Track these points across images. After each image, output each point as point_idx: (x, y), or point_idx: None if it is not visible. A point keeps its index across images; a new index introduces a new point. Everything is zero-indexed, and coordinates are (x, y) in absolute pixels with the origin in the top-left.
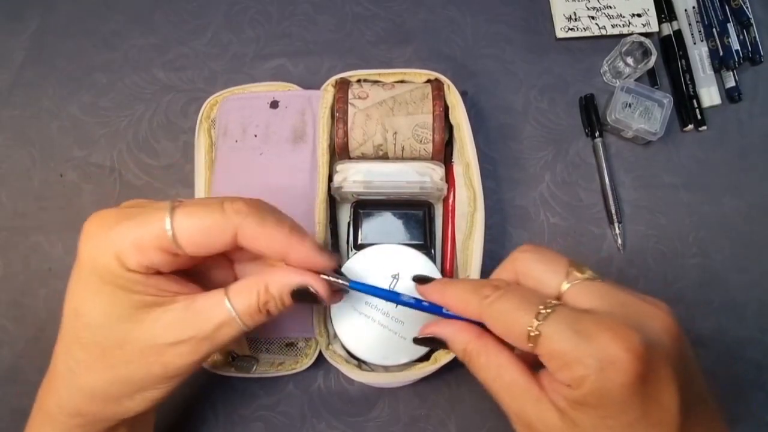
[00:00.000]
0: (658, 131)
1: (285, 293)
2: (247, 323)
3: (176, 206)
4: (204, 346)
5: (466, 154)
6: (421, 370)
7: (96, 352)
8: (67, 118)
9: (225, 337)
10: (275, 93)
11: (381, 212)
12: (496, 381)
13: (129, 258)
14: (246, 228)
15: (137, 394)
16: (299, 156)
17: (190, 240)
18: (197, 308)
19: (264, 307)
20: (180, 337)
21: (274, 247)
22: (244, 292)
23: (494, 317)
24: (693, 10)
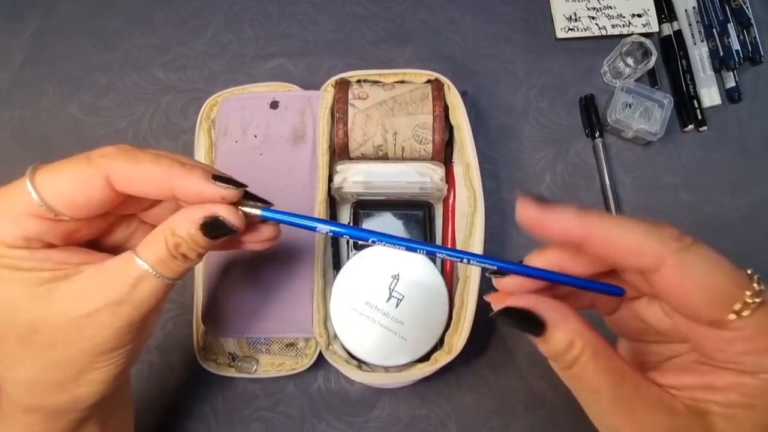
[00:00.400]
0: (658, 131)
1: (193, 230)
2: (165, 273)
3: (37, 167)
4: (124, 310)
5: (466, 154)
6: (421, 371)
7: (14, 341)
8: (67, 118)
9: (145, 295)
10: (275, 93)
11: (381, 213)
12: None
13: (3, 233)
14: (117, 170)
15: (80, 377)
16: (299, 156)
17: (60, 198)
18: (105, 272)
19: (176, 250)
20: (94, 305)
21: (154, 184)
22: (151, 243)
23: (687, 271)
24: (693, 10)
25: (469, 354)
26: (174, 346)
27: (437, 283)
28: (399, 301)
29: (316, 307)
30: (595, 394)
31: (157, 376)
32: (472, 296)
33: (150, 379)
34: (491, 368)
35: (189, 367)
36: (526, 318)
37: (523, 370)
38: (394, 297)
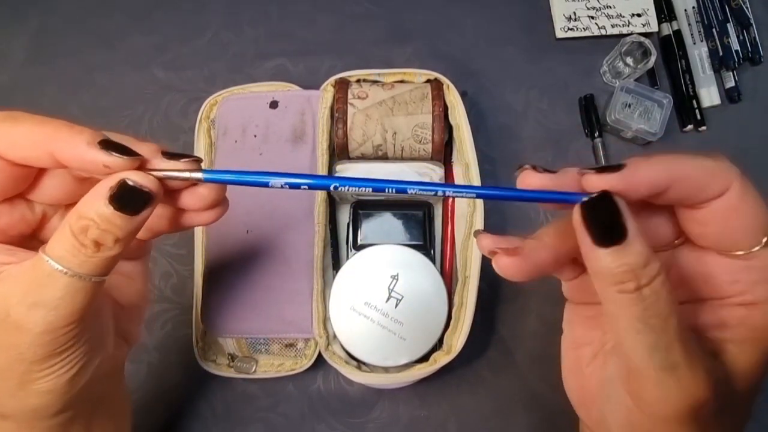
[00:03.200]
0: (657, 132)
1: (103, 207)
2: (75, 268)
3: None
4: (39, 314)
5: (465, 154)
6: (420, 371)
7: None
8: (67, 118)
9: (58, 295)
10: (275, 93)
11: (380, 212)
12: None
13: None
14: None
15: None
16: (299, 156)
17: None
18: (19, 272)
19: (84, 236)
20: (5, 309)
21: (34, 147)
22: (56, 236)
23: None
24: (693, 10)
25: (469, 354)
26: (173, 347)
27: (436, 283)
28: (398, 302)
29: (316, 307)
30: (665, 323)
31: (156, 377)
32: (472, 296)
33: (149, 379)
34: (491, 369)
35: (188, 368)
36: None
37: (523, 371)
38: (393, 297)
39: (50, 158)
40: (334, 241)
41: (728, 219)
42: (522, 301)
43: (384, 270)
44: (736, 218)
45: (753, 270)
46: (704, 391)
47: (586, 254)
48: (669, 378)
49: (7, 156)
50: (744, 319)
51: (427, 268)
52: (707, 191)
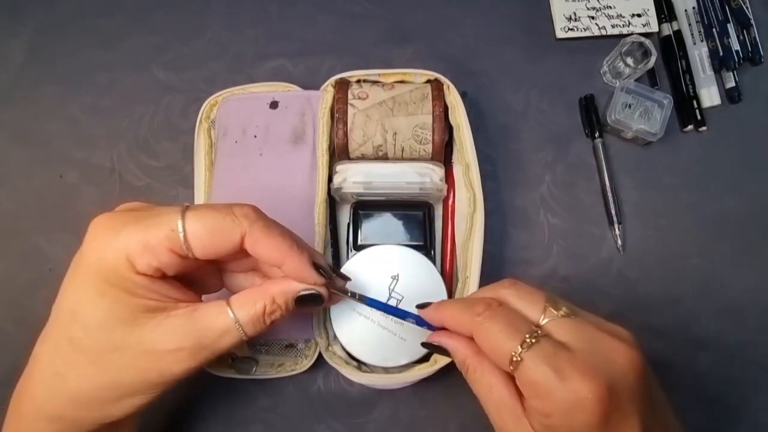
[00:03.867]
0: (658, 132)
1: (290, 299)
2: (248, 333)
3: (187, 208)
4: (203, 354)
5: (465, 154)
6: (420, 372)
7: (90, 355)
8: (67, 118)
9: (224, 346)
10: (275, 93)
11: (381, 213)
12: (487, 396)
13: (139, 259)
14: (254, 232)
15: (124, 400)
16: (299, 156)
17: (200, 241)
18: (200, 316)
19: (270, 317)
20: (181, 344)
21: (274, 254)
22: (248, 303)
23: (483, 336)
24: (693, 10)
25: None
26: None
27: (437, 284)
28: (398, 302)
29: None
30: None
31: None
32: None
33: None
34: None
35: None
36: (439, 348)
37: None
38: (393, 297)
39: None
40: (334, 242)
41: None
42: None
43: (384, 270)
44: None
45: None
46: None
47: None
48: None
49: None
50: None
51: (427, 269)
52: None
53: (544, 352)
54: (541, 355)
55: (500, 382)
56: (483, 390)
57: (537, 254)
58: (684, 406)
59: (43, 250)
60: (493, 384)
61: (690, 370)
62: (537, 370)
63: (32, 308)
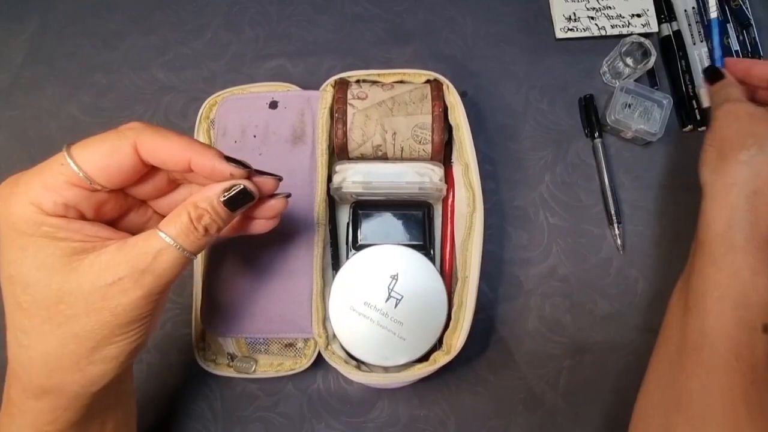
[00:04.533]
0: (657, 132)
1: (215, 202)
2: (185, 245)
3: (70, 144)
4: (146, 279)
5: (465, 154)
6: (420, 371)
7: (41, 314)
8: (66, 118)
9: (165, 266)
10: (274, 93)
11: (380, 213)
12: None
13: (44, 200)
14: (144, 139)
15: (96, 352)
16: (298, 156)
17: (95, 166)
18: (130, 245)
19: (198, 222)
20: (118, 274)
21: (176, 155)
22: (173, 218)
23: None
24: (693, 10)
25: (469, 354)
26: (173, 347)
27: (436, 284)
28: (398, 302)
29: (315, 307)
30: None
31: (156, 377)
32: (471, 296)
33: (149, 379)
34: (491, 368)
35: (188, 367)
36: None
37: (523, 371)
38: (393, 297)
39: (185, 166)
40: (334, 241)
41: None
42: (522, 301)
43: (384, 270)
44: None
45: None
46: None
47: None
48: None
49: (151, 161)
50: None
51: (426, 268)
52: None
53: None
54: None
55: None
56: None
57: (536, 254)
58: None
59: None
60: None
61: None
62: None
63: None
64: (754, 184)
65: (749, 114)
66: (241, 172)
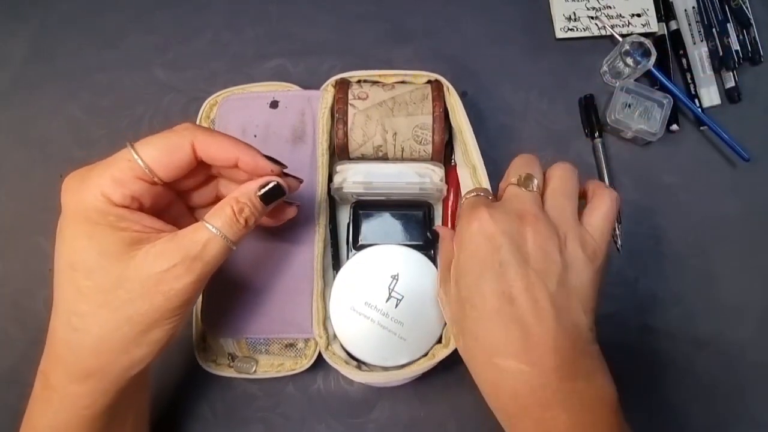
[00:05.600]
0: (657, 132)
1: (253, 196)
2: (229, 235)
3: (133, 143)
4: (196, 265)
5: (471, 157)
6: (420, 366)
7: (99, 298)
8: (67, 118)
9: (213, 253)
10: (275, 93)
11: (380, 213)
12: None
13: (113, 192)
14: (199, 138)
15: (143, 337)
16: (299, 156)
17: (157, 161)
18: (181, 236)
19: (240, 215)
20: (172, 261)
21: (225, 151)
22: (217, 211)
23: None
24: (693, 10)
25: None
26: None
27: (426, 267)
28: (398, 302)
29: (316, 307)
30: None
31: (156, 377)
32: None
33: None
34: None
35: (188, 368)
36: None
37: None
38: (393, 297)
39: (233, 162)
40: (334, 241)
41: None
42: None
43: (384, 270)
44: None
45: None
46: None
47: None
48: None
49: (204, 157)
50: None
51: (427, 268)
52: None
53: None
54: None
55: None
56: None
57: None
58: (684, 406)
59: (43, 250)
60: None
61: (690, 370)
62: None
63: (32, 308)
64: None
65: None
66: (278, 168)
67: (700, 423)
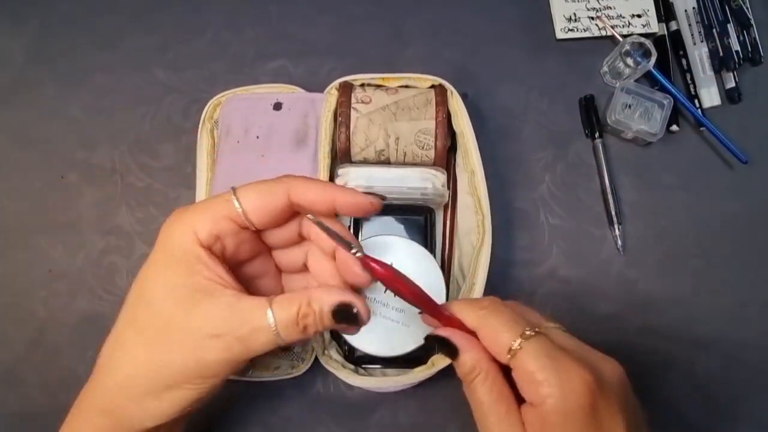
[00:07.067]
0: (657, 132)
1: (326, 310)
2: (282, 334)
3: (236, 187)
4: (237, 347)
5: (471, 161)
6: (418, 375)
7: (146, 335)
8: (67, 118)
9: (258, 343)
10: (279, 95)
11: (381, 217)
12: (492, 407)
13: (202, 228)
14: (296, 185)
15: (164, 392)
16: (300, 159)
17: (253, 205)
18: (240, 306)
19: (302, 320)
20: (218, 330)
21: (322, 196)
22: (285, 303)
23: (486, 327)
24: (693, 10)
25: None
26: None
27: (427, 261)
28: None
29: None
30: (479, 408)
31: None
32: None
33: None
34: None
35: None
36: (444, 343)
37: None
38: None
39: (330, 207)
40: None
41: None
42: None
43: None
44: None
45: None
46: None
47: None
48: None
49: (300, 203)
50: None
51: (413, 249)
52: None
53: (541, 343)
54: (538, 344)
55: (510, 394)
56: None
57: (537, 255)
58: (684, 406)
59: (43, 250)
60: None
61: (690, 370)
62: (534, 357)
63: (32, 308)
64: None
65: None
66: (378, 201)
67: (700, 423)
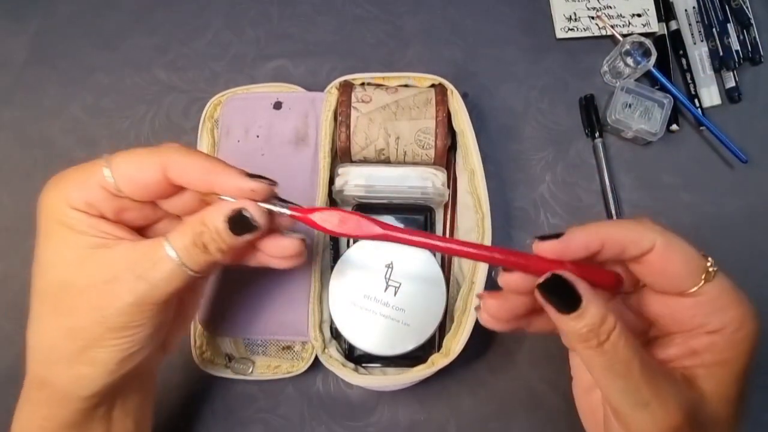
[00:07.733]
0: (658, 132)
1: (219, 222)
2: (185, 261)
3: (113, 153)
4: (140, 286)
5: (471, 161)
6: (418, 374)
7: (49, 302)
8: (68, 118)
9: (162, 276)
10: (279, 94)
11: (381, 216)
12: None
13: (72, 195)
14: (173, 159)
15: (84, 353)
16: (301, 158)
17: (124, 174)
18: (135, 248)
19: (200, 239)
20: (114, 272)
21: (200, 175)
22: (180, 230)
23: (674, 245)
24: (693, 10)
25: (469, 356)
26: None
27: (430, 263)
28: (396, 289)
29: (312, 310)
30: (628, 368)
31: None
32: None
33: None
34: (491, 370)
35: (187, 368)
36: (565, 291)
37: (523, 372)
38: (391, 285)
39: (210, 187)
40: (334, 244)
41: (664, 268)
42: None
43: (377, 260)
44: (670, 266)
45: (703, 304)
46: (676, 420)
47: (554, 320)
48: (643, 414)
49: (177, 181)
50: (709, 346)
51: (419, 250)
52: (634, 249)
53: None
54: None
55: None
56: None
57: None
58: None
59: None
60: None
61: None
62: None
63: None
64: None
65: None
66: (263, 186)
67: None
